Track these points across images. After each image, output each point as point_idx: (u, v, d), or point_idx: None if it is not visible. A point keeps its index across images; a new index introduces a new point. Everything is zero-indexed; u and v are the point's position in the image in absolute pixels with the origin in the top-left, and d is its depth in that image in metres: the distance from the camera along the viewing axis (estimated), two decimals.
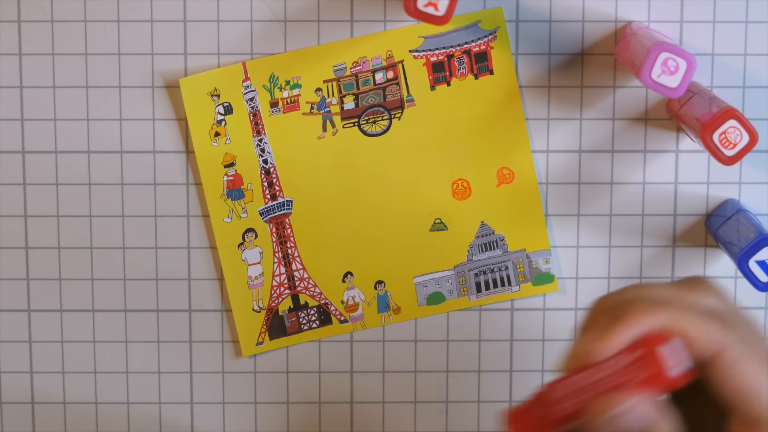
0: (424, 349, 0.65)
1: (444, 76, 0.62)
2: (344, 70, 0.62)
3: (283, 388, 0.65)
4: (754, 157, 0.63)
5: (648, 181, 0.63)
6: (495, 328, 0.64)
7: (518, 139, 0.63)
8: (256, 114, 0.62)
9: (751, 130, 0.55)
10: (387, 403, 0.65)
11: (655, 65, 0.55)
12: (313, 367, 0.65)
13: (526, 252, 0.64)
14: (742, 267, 0.58)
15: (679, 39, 0.62)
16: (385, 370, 0.65)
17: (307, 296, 0.64)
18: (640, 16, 0.62)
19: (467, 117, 0.63)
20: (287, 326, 0.64)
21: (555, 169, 0.63)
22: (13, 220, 0.63)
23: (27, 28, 0.62)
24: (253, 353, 0.64)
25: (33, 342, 0.64)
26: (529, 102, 0.63)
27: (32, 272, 0.64)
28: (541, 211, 0.63)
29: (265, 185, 0.63)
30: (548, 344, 0.65)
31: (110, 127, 0.62)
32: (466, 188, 0.63)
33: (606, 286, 0.64)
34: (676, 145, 0.63)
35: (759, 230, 0.58)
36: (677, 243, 0.64)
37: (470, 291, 0.64)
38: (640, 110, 0.63)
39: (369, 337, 0.64)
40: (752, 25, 0.62)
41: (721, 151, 0.56)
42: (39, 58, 0.62)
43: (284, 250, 0.63)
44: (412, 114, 0.63)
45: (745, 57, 0.62)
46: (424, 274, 0.64)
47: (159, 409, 0.65)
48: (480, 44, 0.62)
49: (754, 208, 0.63)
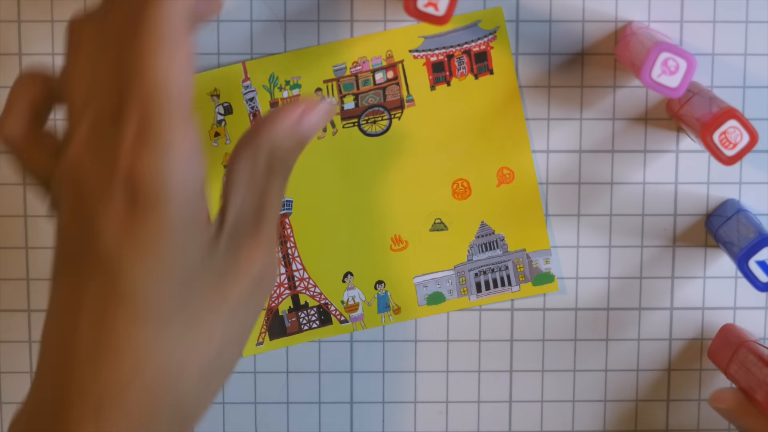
0: (424, 349, 0.65)
1: (444, 76, 0.62)
2: (344, 70, 0.62)
3: (283, 388, 0.65)
4: (754, 157, 0.63)
5: (648, 181, 0.63)
6: (495, 328, 0.64)
7: (518, 139, 0.63)
8: (256, 114, 0.62)
9: (751, 130, 0.55)
10: (387, 403, 0.65)
11: (655, 65, 0.55)
12: (313, 367, 0.65)
13: (526, 252, 0.64)
14: (742, 267, 0.58)
15: (679, 39, 0.62)
16: (385, 370, 0.65)
17: (307, 296, 0.64)
18: (640, 16, 0.62)
19: (467, 117, 0.63)
20: (287, 326, 0.64)
21: (555, 169, 0.63)
22: (13, 220, 0.63)
23: (27, 28, 0.62)
24: (253, 353, 0.64)
25: (33, 342, 0.64)
26: (529, 102, 0.63)
27: (32, 272, 0.64)
28: (541, 211, 0.63)
29: None
30: (548, 344, 0.65)
31: None
32: (466, 188, 0.63)
33: (606, 286, 0.64)
34: (676, 145, 0.63)
35: (759, 230, 0.58)
36: (677, 243, 0.64)
37: (470, 291, 0.64)
38: (640, 110, 0.63)
39: (369, 337, 0.64)
40: (752, 25, 0.62)
41: (721, 151, 0.56)
42: (39, 58, 0.62)
43: (284, 250, 0.63)
44: (412, 114, 0.63)
45: (745, 57, 0.62)
46: (424, 274, 0.64)
47: None
48: (480, 44, 0.62)
49: (754, 208, 0.63)
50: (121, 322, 0.43)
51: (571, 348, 0.65)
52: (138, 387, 0.44)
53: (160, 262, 0.43)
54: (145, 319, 0.44)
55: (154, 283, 0.43)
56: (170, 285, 0.44)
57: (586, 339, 0.64)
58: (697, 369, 0.65)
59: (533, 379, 0.65)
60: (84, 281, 0.44)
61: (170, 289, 0.44)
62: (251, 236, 0.47)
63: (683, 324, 0.64)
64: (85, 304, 0.44)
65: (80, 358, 0.44)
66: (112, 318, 0.43)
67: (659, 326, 0.64)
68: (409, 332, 0.64)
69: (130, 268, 0.43)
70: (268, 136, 0.47)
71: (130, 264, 0.43)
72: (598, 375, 0.65)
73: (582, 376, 0.65)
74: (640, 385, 0.65)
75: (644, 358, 0.65)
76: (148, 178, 0.42)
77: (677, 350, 0.64)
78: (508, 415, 0.65)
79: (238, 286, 0.46)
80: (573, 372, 0.65)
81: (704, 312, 0.64)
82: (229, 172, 0.48)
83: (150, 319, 0.44)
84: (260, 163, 0.47)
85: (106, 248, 0.43)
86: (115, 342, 0.44)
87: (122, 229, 0.43)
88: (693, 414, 0.65)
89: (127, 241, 0.43)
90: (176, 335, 0.44)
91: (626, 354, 0.65)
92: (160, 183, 0.42)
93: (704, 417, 0.65)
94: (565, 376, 0.65)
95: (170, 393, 0.44)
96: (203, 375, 0.45)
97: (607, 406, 0.65)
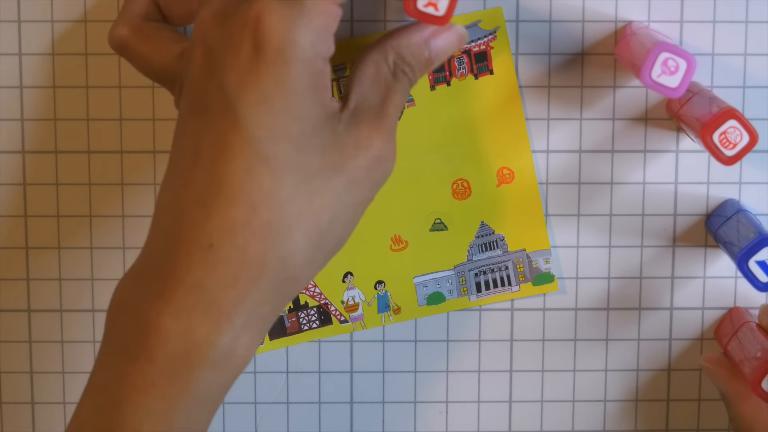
0: (424, 349, 0.65)
1: (444, 75, 0.62)
2: (344, 70, 0.62)
3: (283, 388, 0.65)
4: (754, 157, 0.63)
5: (648, 181, 0.63)
6: (495, 328, 0.64)
7: (518, 139, 0.63)
8: None
9: (751, 130, 0.55)
10: (387, 403, 0.65)
11: (655, 65, 0.55)
12: (313, 367, 0.65)
13: (526, 252, 0.64)
14: (742, 267, 0.58)
15: (679, 39, 0.62)
16: (385, 370, 0.65)
17: (307, 296, 0.64)
18: (640, 16, 0.62)
19: (467, 117, 0.63)
20: (287, 326, 0.64)
21: (555, 169, 0.63)
22: (13, 220, 0.63)
23: (27, 28, 0.62)
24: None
25: (33, 342, 0.64)
26: (529, 102, 0.63)
27: (32, 272, 0.64)
28: (541, 211, 0.63)
29: None
30: (548, 344, 0.65)
31: (110, 127, 0.62)
32: (466, 188, 0.63)
33: (606, 286, 0.64)
34: (676, 145, 0.63)
35: (759, 230, 0.58)
36: (677, 243, 0.64)
37: (470, 291, 0.64)
38: (640, 110, 0.63)
39: (369, 337, 0.64)
40: (752, 25, 0.62)
41: (721, 151, 0.56)
42: (39, 58, 0.62)
43: None
44: (412, 114, 0.63)
45: (745, 57, 0.62)
46: (424, 274, 0.64)
47: None
48: (480, 44, 0.62)
49: (754, 208, 0.63)
50: (238, 165, 0.44)
51: (571, 348, 0.65)
52: (248, 233, 0.45)
53: (279, 114, 0.45)
54: (261, 167, 0.45)
55: (272, 134, 0.45)
56: (288, 139, 0.45)
57: (586, 339, 0.64)
58: (697, 369, 0.65)
59: (533, 379, 0.65)
60: (208, 126, 0.45)
61: (288, 143, 0.45)
62: (372, 121, 0.49)
63: (683, 324, 0.64)
64: (205, 147, 0.45)
65: (194, 200, 0.45)
66: (230, 160, 0.45)
67: (659, 326, 0.64)
68: (409, 332, 0.64)
69: (250, 115, 0.45)
70: (397, 45, 0.50)
71: (250, 111, 0.45)
72: (598, 375, 0.65)
73: (582, 376, 0.65)
74: (640, 385, 0.65)
75: (644, 358, 0.65)
76: (275, 34, 0.44)
77: (677, 350, 0.64)
78: (508, 415, 0.65)
79: (355, 159, 0.47)
80: (573, 372, 0.65)
81: (704, 312, 0.64)
82: (355, 68, 0.50)
83: (266, 168, 0.45)
84: (386, 65, 0.50)
85: (229, 94, 0.45)
86: (230, 185, 0.44)
87: (246, 78, 0.44)
88: (693, 414, 0.65)
89: (249, 89, 0.44)
90: (290, 189, 0.45)
91: (626, 354, 0.65)
92: (286, 41, 0.44)
93: (704, 417, 0.65)
94: (565, 376, 0.65)
95: (278, 247, 0.45)
96: (312, 239, 0.46)
97: (607, 406, 0.65)
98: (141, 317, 0.45)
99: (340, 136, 0.47)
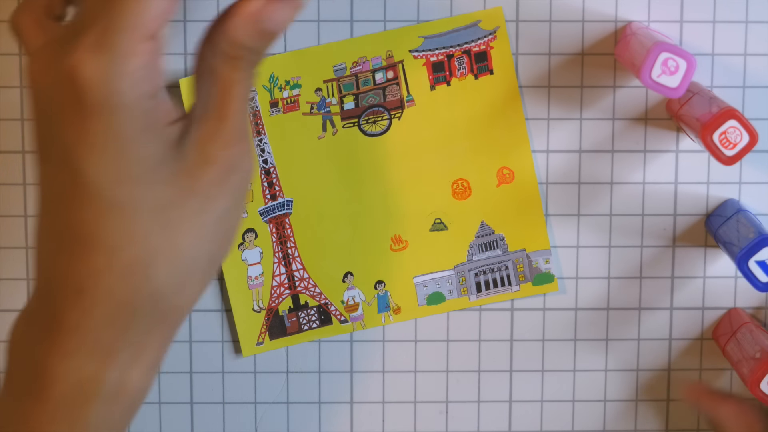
0: (424, 349, 0.65)
1: (444, 76, 0.62)
2: (344, 70, 0.62)
3: (283, 388, 0.65)
4: (754, 157, 0.63)
5: (648, 181, 0.63)
6: (495, 328, 0.64)
7: (518, 139, 0.63)
8: (256, 114, 0.62)
9: (751, 130, 0.55)
10: (387, 403, 0.65)
11: (655, 65, 0.55)
12: (313, 367, 0.65)
13: (526, 252, 0.64)
14: (742, 267, 0.58)
15: (679, 39, 0.62)
16: (385, 370, 0.65)
17: (307, 296, 0.64)
18: (640, 16, 0.62)
19: (467, 117, 0.63)
20: (287, 326, 0.64)
21: (555, 169, 0.63)
22: (13, 220, 0.63)
23: None
24: (253, 353, 0.64)
25: None
26: (529, 102, 0.63)
27: (32, 272, 0.64)
28: (541, 211, 0.63)
29: (265, 185, 0.63)
30: (548, 344, 0.65)
31: None
32: (466, 188, 0.63)
33: (606, 286, 0.64)
34: (676, 145, 0.63)
35: (759, 230, 0.58)
36: (677, 243, 0.64)
37: (470, 291, 0.64)
38: (640, 110, 0.63)
39: (369, 337, 0.64)
40: (752, 25, 0.62)
41: (721, 151, 0.56)
42: None
43: (284, 250, 0.63)
44: (412, 114, 0.63)
45: (745, 57, 0.62)
46: (424, 274, 0.64)
47: (159, 408, 0.65)
48: (480, 44, 0.62)
49: (754, 208, 0.63)
50: (88, 213, 0.45)
51: (571, 348, 0.65)
52: (112, 278, 0.45)
53: (116, 160, 0.44)
54: (112, 211, 0.44)
55: (114, 178, 0.44)
56: (131, 180, 0.45)
57: (586, 339, 0.64)
58: (697, 369, 0.65)
59: (533, 379, 0.65)
60: (52, 175, 0.45)
61: (132, 184, 0.45)
62: (214, 130, 0.47)
63: (683, 324, 0.64)
64: (54, 196, 0.45)
65: (57, 247, 0.45)
66: (78, 209, 0.45)
67: (659, 326, 0.64)
68: (409, 332, 0.64)
69: (88, 165, 0.44)
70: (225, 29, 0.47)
71: (87, 161, 0.44)
72: (598, 375, 0.65)
73: (582, 376, 0.65)
74: (639, 385, 0.65)
75: (644, 358, 0.65)
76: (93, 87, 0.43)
77: (677, 350, 0.64)
78: (508, 415, 0.65)
79: (206, 174, 0.46)
80: (573, 372, 0.65)
81: (704, 312, 0.64)
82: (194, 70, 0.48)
83: (117, 211, 0.45)
84: (219, 57, 0.47)
85: (66, 144, 0.44)
86: (84, 233, 0.45)
87: (76, 130, 0.44)
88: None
89: (81, 140, 0.44)
90: (145, 227, 0.45)
91: (626, 354, 0.65)
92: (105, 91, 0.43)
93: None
94: (565, 376, 0.65)
95: (143, 286, 0.45)
96: (177, 267, 0.46)
97: (607, 406, 0.65)
98: (32, 358, 0.46)
99: (186, 157, 0.46)
